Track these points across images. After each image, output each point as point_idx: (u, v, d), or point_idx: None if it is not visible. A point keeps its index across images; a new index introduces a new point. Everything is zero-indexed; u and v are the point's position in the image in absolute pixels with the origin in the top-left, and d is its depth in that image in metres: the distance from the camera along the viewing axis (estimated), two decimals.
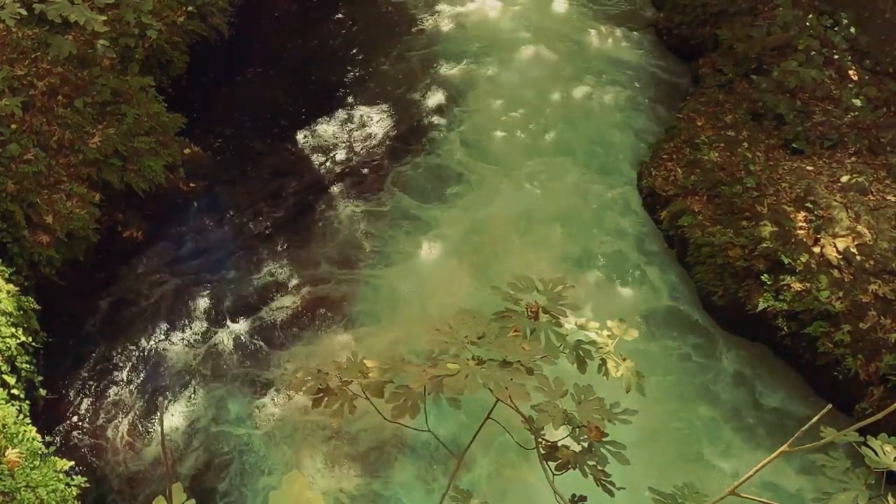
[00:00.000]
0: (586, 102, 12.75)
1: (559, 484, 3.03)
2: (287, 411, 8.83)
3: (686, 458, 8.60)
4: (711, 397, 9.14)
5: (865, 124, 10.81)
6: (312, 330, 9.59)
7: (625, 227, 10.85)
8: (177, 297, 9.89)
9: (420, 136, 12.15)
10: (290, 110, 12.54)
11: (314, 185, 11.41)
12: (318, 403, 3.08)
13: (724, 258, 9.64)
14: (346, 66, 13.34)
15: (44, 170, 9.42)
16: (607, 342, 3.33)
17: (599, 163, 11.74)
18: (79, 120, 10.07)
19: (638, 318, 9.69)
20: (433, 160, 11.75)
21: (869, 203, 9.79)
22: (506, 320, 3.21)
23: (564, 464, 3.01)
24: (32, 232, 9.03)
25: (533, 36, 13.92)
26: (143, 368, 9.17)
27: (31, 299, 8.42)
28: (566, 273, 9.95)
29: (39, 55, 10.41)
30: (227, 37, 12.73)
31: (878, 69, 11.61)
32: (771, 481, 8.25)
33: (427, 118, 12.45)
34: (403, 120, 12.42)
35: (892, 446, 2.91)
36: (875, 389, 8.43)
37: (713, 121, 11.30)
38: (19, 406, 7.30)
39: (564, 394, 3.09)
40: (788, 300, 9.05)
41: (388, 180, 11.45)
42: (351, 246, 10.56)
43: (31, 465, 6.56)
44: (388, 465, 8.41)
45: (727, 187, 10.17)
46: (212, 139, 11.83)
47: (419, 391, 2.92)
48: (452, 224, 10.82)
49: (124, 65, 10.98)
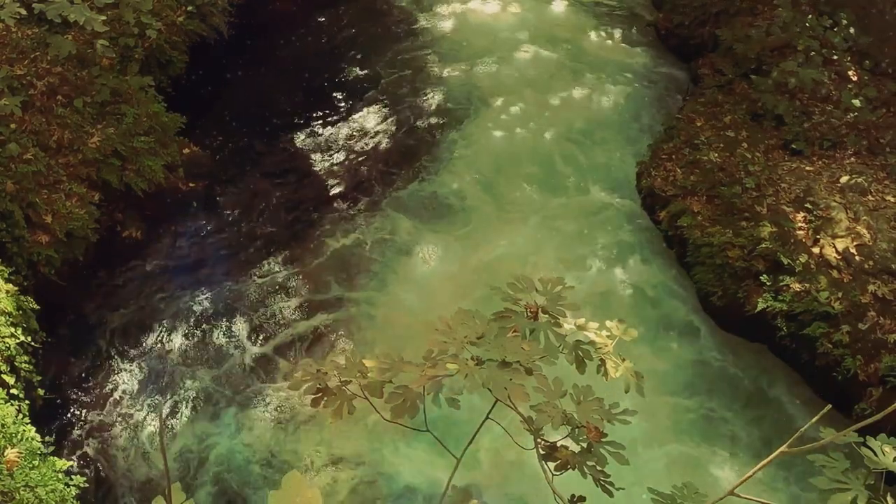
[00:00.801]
0: (585, 102, 12.76)
1: (558, 484, 3.03)
2: (287, 412, 8.83)
3: (684, 459, 8.60)
4: (710, 398, 9.14)
5: (865, 125, 10.81)
6: (312, 330, 9.59)
7: (623, 227, 10.85)
8: (176, 297, 9.88)
9: (419, 135, 12.15)
10: (289, 110, 12.55)
11: (314, 185, 11.41)
12: (318, 403, 3.08)
13: (724, 258, 9.64)
14: (345, 65, 13.34)
15: (43, 169, 9.41)
16: (606, 342, 3.33)
17: (598, 163, 11.75)
18: (78, 120, 10.06)
19: (637, 318, 9.68)
20: (432, 158, 11.75)
21: (868, 204, 9.79)
22: (505, 320, 3.21)
23: (563, 464, 3.01)
24: (31, 231, 9.02)
25: (532, 36, 13.93)
26: (142, 368, 9.17)
27: (30, 299, 8.41)
28: (564, 273, 9.95)
29: (39, 55, 10.41)
30: (227, 37, 12.73)
31: (878, 70, 11.62)
32: (771, 482, 8.26)
33: (426, 117, 12.45)
34: (402, 119, 12.43)
35: (891, 447, 2.91)
36: (874, 390, 8.43)
37: (712, 121, 11.30)
38: (18, 405, 7.30)
39: (564, 394, 3.09)
40: (787, 301, 9.05)
41: (387, 180, 11.46)
42: (351, 246, 10.55)
43: (31, 465, 6.55)
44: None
45: (726, 188, 10.18)
46: (211, 139, 11.83)
47: (418, 391, 2.92)
48: (452, 216, 10.83)
49: (124, 64, 10.98)
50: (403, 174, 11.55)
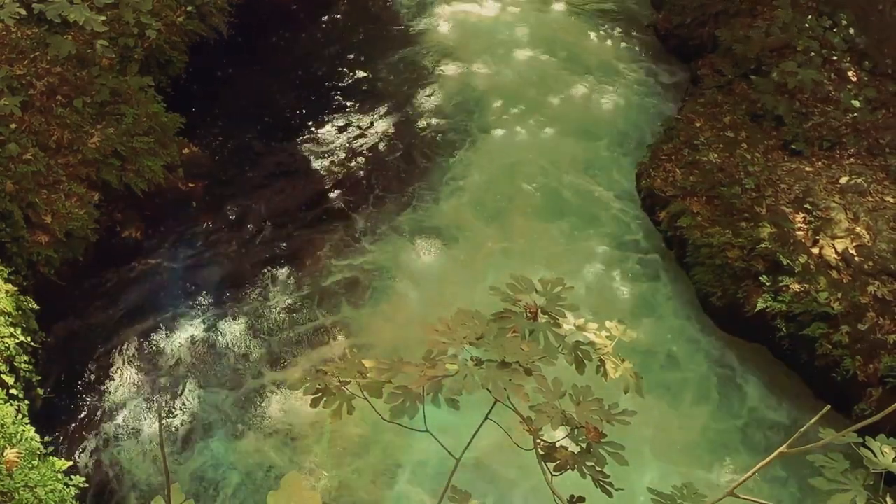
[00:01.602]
0: (584, 103, 12.77)
1: (557, 484, 3.03)
2: (287, 412, 8.83)
3: (683, 459, 8.60)
4: (709, 398, 9.15)
5: (864, 125, 10.81)
6: (312, 331, 9.59)
7: (623, 227, 10.86)
8: (175, 298, 9.88)
9: (418, 134, 12.15)
10: (288, 110, 12.55)
11: (313, 185, 11.41)
12: (317, 403, 3.08)
13: (723, 259, 9.64)
14: (345, 65, 13.35)
15: (43, 169, 9.41)
16: (606, 343, 3.33)
17: (598, 163, 11.75)
18: (78, 120, 10.06)
19: (636, 318, 9.69)
20: (431, 156, 11.76)
21: (868, 204, 9.79)
22: (504, 321, 3.21)
23: (563, 464, 3.01)
24: (31, 231, 9.02)
25: (531, 36, 13.94)
26: (142, 368, 9.17)
27: (29, 299, 8.41)
28: (564, 273, 9.95)
29: (38, 55, 10.41)
30: (227, 37, 12.72)
31: (877, 70, 11.61)
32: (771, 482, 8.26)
33: (425, 116, 12.46)
34: (401, 119, 12.43)
35: (890, 447, 2.91)
36: (873, 390, 8.43)
37: (712, 122, 11.29)
38: (18, 406, 7.30)
39: (563, 394, 3.09)
40: (787, 301, 9.05)
41: (386, 179, 11.46)
42: (351, 245, 10.56)
43: (30, 465, 6.55)
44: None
45: (726, 188, 10.18)
46: (211, 139, 11.83)
47: (417, 391, 2.92)
48: (451, 214, 10.84)
49: (123, 65, 10.98)
50: (403, 174, 11.55)
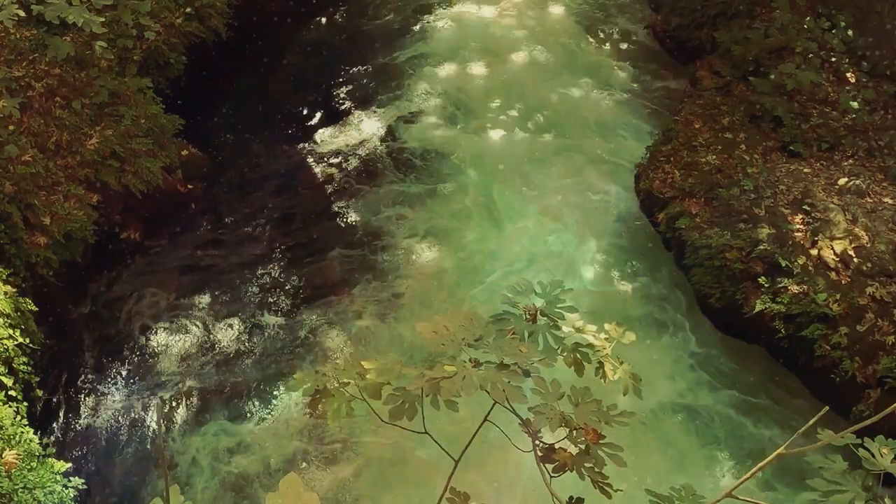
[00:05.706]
0: (583, 105, 12.77)
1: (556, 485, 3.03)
2: (286, 412, 8.83)
3: (682, 460, 8.60)
4: (708, 400, 9.15)
5: (863, 127, 10.82)
6: (311, 331, 9.59)
7: (622, 229, 10.86)
8: (174, 298, 9.89)
9: (418, 133, 12.16)
10: (287, 111, 12.55)
11: (311, 185, 11.41)
12: (316, 405, 3.08)
13: (722, 260, 9.64)
14: (344, 67, 13.35)
15: (41, 171, 9.41)
16: (604, 345, 3.33)
17: (596, 165, 11.75)
18: (76, 121, 10.06)
19: (635, 320, 9.69)
20: (430, 155, 11.77)
21: (866, 205, 9.80)
22: (503, 322, 3.21)
23: (562, 466, 3.01)
24: (30, 233, 9.01)
25: (529, 37, 13.95)
26: (141, 369, 9.17)
27: (28, 300, 8.41)
28: (562, 275, 9.95)
29: (37, 56, 10.40)
30: (225, 38, 12.72)
31: (876, 72, 11.62)
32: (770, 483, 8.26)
33: (425, 116, 12.46)
34: (400, 119, 12.43)
35: (888, 448, 2.91)
36: (872, 392, 8.44)
37: (711, 123, 11.29)
38: (17, 407, 7.29)
39: (562, 396, 3.09)
40: (786, 303, 9.05)
41: (385, 180, 11.46)
42: (351, 245, 10.56)
43: (29, 467, 6.55)
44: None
45: (725, 190, 10.18)
46: (209, 141, 11.83)
47: (416, 393, 2.92)
48: (451, 212, 10.85)
49: (122, 66, 10.98)
50: (402, 174, 11.55)
